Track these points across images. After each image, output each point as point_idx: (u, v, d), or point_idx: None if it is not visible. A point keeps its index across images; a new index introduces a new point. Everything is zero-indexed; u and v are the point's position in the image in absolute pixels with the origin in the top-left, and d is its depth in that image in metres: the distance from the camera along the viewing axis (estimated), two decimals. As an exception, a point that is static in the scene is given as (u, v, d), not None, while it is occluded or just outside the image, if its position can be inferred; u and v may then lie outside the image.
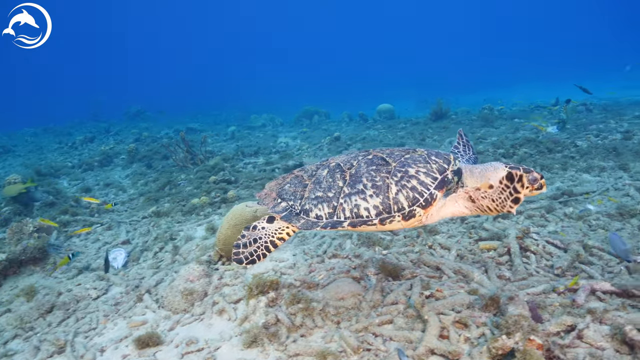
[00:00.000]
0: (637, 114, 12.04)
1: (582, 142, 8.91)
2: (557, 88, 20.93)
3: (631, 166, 6.80)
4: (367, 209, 2.87)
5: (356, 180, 2.96)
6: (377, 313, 3.61)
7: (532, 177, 2.87)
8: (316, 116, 22.01)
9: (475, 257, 4.41)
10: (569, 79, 25.42)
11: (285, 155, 11.59)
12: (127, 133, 20.40)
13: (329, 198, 3.01)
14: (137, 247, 6.21)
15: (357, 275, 4.30)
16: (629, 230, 4.62)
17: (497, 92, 28.47)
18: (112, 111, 30.91)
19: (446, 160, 2.98)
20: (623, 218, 4.92)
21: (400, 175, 2.87)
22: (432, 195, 2.83)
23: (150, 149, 13.82)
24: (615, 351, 2.73)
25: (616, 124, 10.92)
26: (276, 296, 4.07)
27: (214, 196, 7.61)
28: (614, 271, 3.80)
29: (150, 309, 4.48)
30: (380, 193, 2.86)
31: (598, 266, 3.90)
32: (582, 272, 3.80)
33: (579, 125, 11.24)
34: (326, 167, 3.22)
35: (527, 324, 2.77)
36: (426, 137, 12.03)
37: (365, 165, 3.02)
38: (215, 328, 3.96)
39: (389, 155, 3.06)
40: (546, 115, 14.38)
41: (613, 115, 12.21)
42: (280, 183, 3.44)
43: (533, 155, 8.22)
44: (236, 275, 4.78)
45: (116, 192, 9.80)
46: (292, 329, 3.58)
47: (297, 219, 3.09)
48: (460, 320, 3.27)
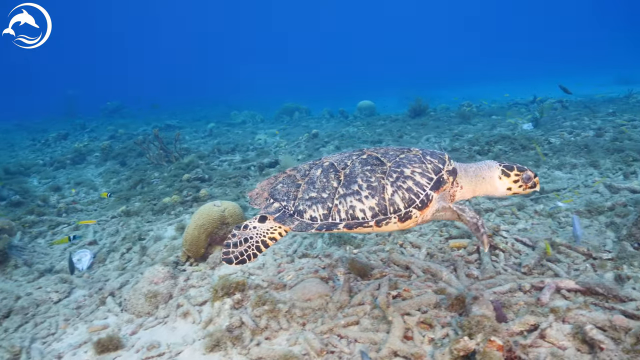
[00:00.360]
0: (610, 111, 12.24)
1: (555, 139, 9.01)
2: (548, 84, 21.12)
3: (601, 163, 6.88)
4: (362, 210, 2.82)
5: (351, 180, 2.90)
6: (344, 314, 3.54)
7: (526, 175, 2.90)
8: (297, 113, 21.90)
9: (445, 256, 4.38)
10: (560, 75, 25.93)
11: (262, 152, 11.46)
12: (102, 130, 19.93)
13: (323, 199, 2.94)
14: (104, 247, 6.02)
15: (326, 276, 4.23)
16: (596, 227, 4.65)
17: (487, 87, 28.83)
18: (91, 107, 30.21)
19: (441, 159, 2.95)
20: (591, 215, 4.95)
21: (396, 175, 2.83)
22: (428, 196, 2.80)
23: (125, 146, 13.50)
24: (577, 350, 2.72)
25: (590, 121, 11.08)
26: (242, 298, 3.98)
27: (186, 195, 7.45)
28: (579, 269, 3.81)
29: (112, 312, 4.34)
30: (375, 194, 2.81)
31: (564, 264, 3.90)
32: (549, 270, 3.80)
33: (554, 122, 11.38)
34: (319, 166, 3.15)
35: (489, 324, 2.73)
36: (404, 134, 12.04)
37: (359, 165, 2.97)
38: (178, 331, 3.85)
39: (384, 154, 3.01)
40: (523, 112, 14.58)
41: (587, 113, 12.40)
42: (272, 183, 3.35)
43: (507, 152, 8.28)
44: (203, 276, 4.66)
45: (87, 190, 9.53)
46: (257, 332, 3.49)
47: (292, 221, 3.02)
48: (426, 321, 3.23)
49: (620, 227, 4.38)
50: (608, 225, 4.61)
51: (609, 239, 4.29)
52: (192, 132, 18.17)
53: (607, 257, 3.87)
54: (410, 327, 3.16)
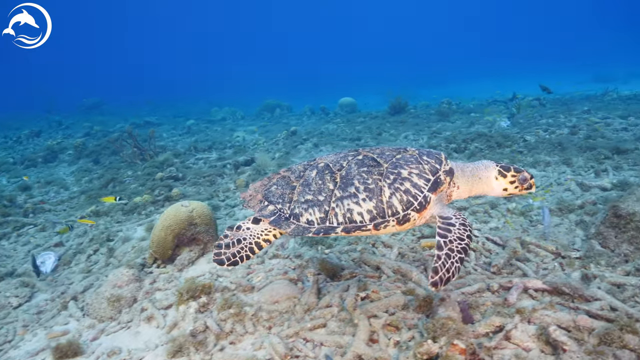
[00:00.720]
0: (585, 108, 12.42)
1: (530, 137, 9.08)
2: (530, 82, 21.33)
3: (574, 161, 6.95)
4: (360, 213, 2.75)
5: (347, 182, 2.83)
6: (311, 317, 3.47)
7: (523, 177, 2.89)
8: (278, 109, 21.74)
9: (417, 255, 4.33)
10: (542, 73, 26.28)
11: (239, 150, 11.29)
12: (78, 127, 19.45)
13: (319, 202, 2.86)
14: (71, 249, 5.83)
15: (295, 277, 4.15)
16: (566, 225, 4.67)
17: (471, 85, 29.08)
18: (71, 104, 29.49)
19: (438, 160, 2.90)
20: (562, 213, 4.97)
21: (393, 177, 2.77)
22: (426, 198, 2.75)
23: (99, 144, 13.18)
24: (541, 351, 2.70)
25: (565, 118, 11.22)
26: (208, 301, 3.87)
27: (158, 194, 7.27)
28: (548, 267, 3.80)
29: (74, 317, 4.18)
30: (373, 197, 2.75)
31: (533, 263, 3.90)
32: (518, 270, 3.78)
33: (530, 119, 11.49)
34: (314, 167, 3.05)
35: (454, 326, 2.69)
36: (383, 131, 12.00)
37: (355, 167, 2.89)
38: (142, 337, 3.72)
39: (380, 155, 2.94)
40: (502, 110, 14.70)
41: (564, 110, 12.56)
42: (265, 184, 3.25)
43: (483, 150, 8.31)
44: (170, 279, 4.53)
45: (57, 189, 9.25)
46: (221, 336, 3.39)
47: (287, 225, 2.92)
48: (392, 323, 3.17)
49: (589, 225, 4.40)
50: (578, 224, 4.63)
51: (578, 237, 4.31)
52: (170, 129, 17.85)
53: (575, 256, 3.87)
54: (376, 330, 3.10)
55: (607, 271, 3.57)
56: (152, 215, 6.72)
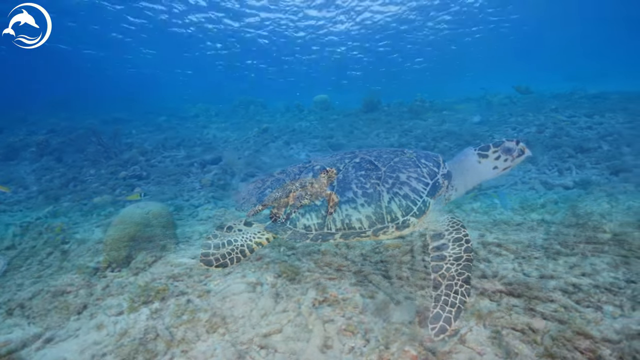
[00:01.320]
0: (553, 107, 12.63)
1: (499, 136, 9.17)
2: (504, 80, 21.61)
3: (539, 159, 7.02)
4: (359, 219, 2.67)
5: (345, 187, 2.73)
6: (267, 322, 3.35)
7: (505, 147, 2.79)
8: (252, 106, 21.47)
9: (379, 257, 4.27)
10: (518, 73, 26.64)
11: (208, 147, 11.05)
12: (44, 123, 18.73)
13: (317, 206, 2.73)
14: (23, 252, 5.54)
15: (254, 280, 4.02)
16: (528, 225, 4.68)
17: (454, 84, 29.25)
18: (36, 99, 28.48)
19: (436, 163, 2.82)
20: (525, 212, 4.99)
21: (392, 182, 2.69)
22: (425, 203, 2.69)
23: (64, 141, 12.70)
24: (495, 355, 2.65)
25: (533, 117, 11.38)
26: (161, 307, 3.71)
27: (119, 194, 7.02)
28: (508, 268, 3.78)
29: (19, 326, 3.94)
30: (372, 202, 2.66)
31: (494, 264, 3.87)
32: (477, 271, 3.75)
33: (500, 117, 11.62)
34: (310, 170, 2.91)
35: (408, 331, 2.63)
36: (355, 129, 11.96)
37: (353, 170, 2.80)
38: (90, 346, 3.52)
39: (377, 158, 2.85)
40: (473, 107, 14.87)
41: (533, 109, 12.75)
42: (259, 187, 3.11)
43: (452, 149, 8.34)
44: (124, 283, 4.33)
45: (16, 189, 8.84)
46: (172, 344, 3.24)
47: (284, 230, 2.79)
48: (349, 328, 3.09)
49: (549, 224, 4.42)
50: (539, 223, 4.64)
51: (539, 237, 4.32)
52: (141, 125, 17.37)
53: (535, 256, 3.87)
54: (330, 335, 3.01)
55: (564, 271, 3.57)
56: (111, 216, 6.47)
